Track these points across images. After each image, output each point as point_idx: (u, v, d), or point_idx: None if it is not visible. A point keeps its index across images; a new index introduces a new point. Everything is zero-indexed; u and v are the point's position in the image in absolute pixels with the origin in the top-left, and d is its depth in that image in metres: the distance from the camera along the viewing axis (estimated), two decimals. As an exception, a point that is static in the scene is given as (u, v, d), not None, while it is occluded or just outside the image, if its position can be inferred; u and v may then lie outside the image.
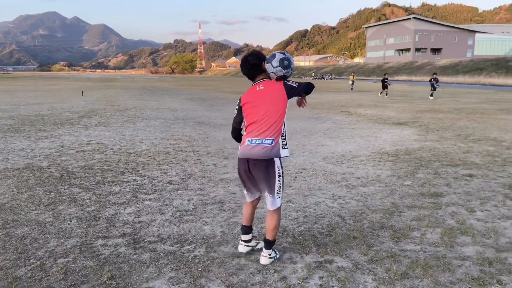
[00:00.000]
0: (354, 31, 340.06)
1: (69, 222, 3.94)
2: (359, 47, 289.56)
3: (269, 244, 3.12)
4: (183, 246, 3.39)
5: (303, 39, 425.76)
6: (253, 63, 3.08)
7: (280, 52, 3.06)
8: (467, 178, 5.62)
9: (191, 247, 3.39)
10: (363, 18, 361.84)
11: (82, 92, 25.32)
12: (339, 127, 10.81)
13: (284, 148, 3.01)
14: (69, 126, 10.88)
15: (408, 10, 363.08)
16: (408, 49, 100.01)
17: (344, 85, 42.30)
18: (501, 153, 7.30)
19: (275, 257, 3.15)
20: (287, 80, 3.06)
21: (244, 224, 3.30)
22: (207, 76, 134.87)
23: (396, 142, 8.49)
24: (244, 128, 3.11)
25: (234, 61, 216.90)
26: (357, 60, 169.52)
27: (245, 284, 2.80)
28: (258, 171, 3.00)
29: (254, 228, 3.81)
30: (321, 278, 2.88)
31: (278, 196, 3.04)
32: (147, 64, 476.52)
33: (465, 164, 6.44)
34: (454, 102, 20.04)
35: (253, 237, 3.40)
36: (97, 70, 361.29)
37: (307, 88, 3.07)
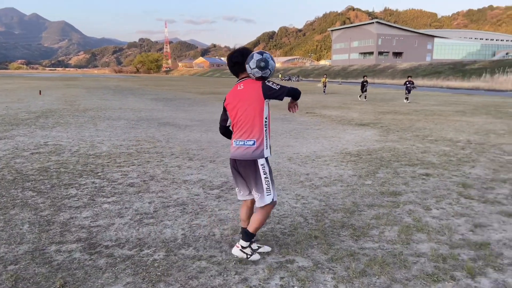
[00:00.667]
0: (320, 33, 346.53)
1: (21, 227, 3.74)
2: (325, 49, 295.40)
3: (247, 236, 3.10)
4: (142, 250, 3.30)
5: (271, 41, 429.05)
6: (236, 61, 3.04)
7: (258, 53, 2.95)
8: (424, 177, 5.83)
9: (151, 251, 3.30)
10: (328, 21, 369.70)
11: (40, 91, 24.23)
12: (304, 128, 10.94)
13: (266, 148, 3.02)
14: (24, 126, 10.38)
15: (371, 15, 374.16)
16: (372, 53, 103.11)
17: (310, 87, 42.93)
18: (456, 153, 7.63)
19: (247, 255, 3.11)
20: (267, 81, 2.99)
21: (242, 226, 3.31)
22: (174, 76, 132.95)
23: (359, 143, 8.69)
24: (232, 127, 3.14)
25: (202, 61, 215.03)
26: (323, 62, 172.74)
27: (205, 287, 2.76)
28: (244, 170, 3.03)
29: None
30: (282, 278, 2.88)
31: (269, 193, 3.02)
32: (110, 63, 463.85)
33: (422, 164, 6.68)
34: (413, 104, 20.80)
35: (255, 240, 3.30)
36: (57, 68, 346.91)
37: (291, 93, 2.98)
